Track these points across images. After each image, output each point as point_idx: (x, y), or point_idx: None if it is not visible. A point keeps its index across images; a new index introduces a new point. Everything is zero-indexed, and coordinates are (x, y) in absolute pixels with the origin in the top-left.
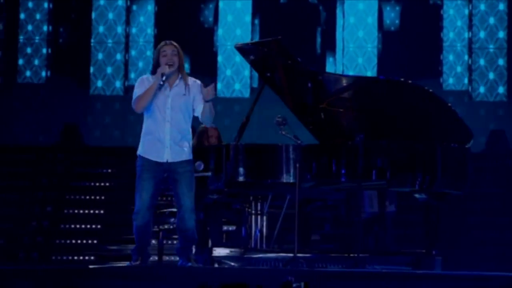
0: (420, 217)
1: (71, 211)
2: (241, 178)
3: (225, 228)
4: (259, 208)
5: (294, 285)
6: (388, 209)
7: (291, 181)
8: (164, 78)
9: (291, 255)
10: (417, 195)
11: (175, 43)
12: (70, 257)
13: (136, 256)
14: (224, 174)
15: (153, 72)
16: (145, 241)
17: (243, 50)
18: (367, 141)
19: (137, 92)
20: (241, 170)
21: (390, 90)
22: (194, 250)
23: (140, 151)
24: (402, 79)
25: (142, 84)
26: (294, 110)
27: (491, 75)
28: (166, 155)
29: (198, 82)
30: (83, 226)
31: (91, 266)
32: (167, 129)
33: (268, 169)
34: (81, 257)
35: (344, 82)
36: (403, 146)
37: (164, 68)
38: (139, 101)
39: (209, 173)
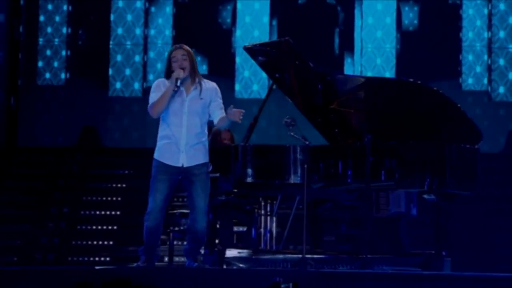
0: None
1: (87, 212)
2: (249, 179)
3: (236, 229)
4: (268, 209)
5: (282, 286)
6: (412, 212)
7: (299, 181)
8: (178, 83)
9: (300, 256)
10: (426, 196)
11: (185, 47)
12: (86, 258)
13: (144, 257)
14: (232, 175)
15: (167, 76)
16: (154, 242)
17: (252, 51)
18: (375, 142)
19: (153, 96)
20: (249, 171)
21: (399, 90)
22: (202, 251)
23: (155, 155)
24: (411, 80)
25: (158, 88)
26: (304, 111)
27: (511, 75)
28: (182, 160)
29: (214, 85)
30: (99, 227)
31: (97, 267)
32: (184, 134)
33: (276, 169)
34: (96, 258)
35: (354, 82)
36: (412, 147)
37: (179, 73)
38: (154, 107)
39: (217, 174)
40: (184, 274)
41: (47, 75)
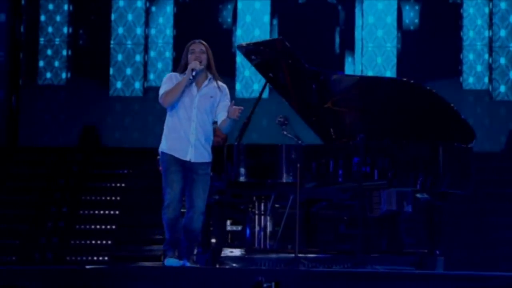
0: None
1: (86, 211)
2: (242, 178)
3: (232, 228)
4: (262, 208)
5: (264, 285)
6: (405, 209)
7: (292, 181)
8: (194, 73)
9: (293, 255)
10: (419, 195)
11: (204, 43)
12: (84, 258)
13: (171, 251)
14: (225, 174)
15: (182, 69)
16: (177, 233)
17: (246, 50)
18: (368, 141)
19: (164, 87)
20: (242, 170)
21: (393, 90)
22: (196, 251)
23: (163, 148)
24: (405, 79)
25: (170, 80)
26: (298, 110)
27: None
28: (190, 154)
29: (225, 86)
30: (98, 226)
31: (87, 267)
32: (193, 128)
33: (269, 169)
34: (95, 258)
35: (348, 82)
36: (405, 146)
37: (195, 64)
38: (167, 95)
39: (211, 174)
40: (178, 274)
41: (48, 75)
